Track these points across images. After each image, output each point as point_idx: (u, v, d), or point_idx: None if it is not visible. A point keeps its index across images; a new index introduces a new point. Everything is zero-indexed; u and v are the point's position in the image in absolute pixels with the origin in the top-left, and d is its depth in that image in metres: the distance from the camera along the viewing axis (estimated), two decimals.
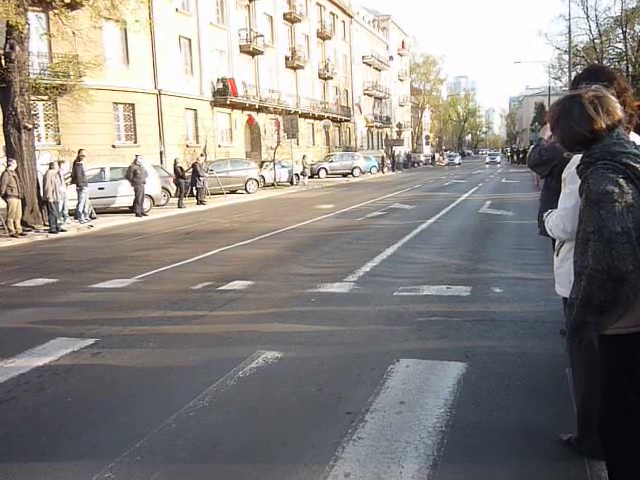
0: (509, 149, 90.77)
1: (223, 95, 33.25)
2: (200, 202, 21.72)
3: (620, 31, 39.74)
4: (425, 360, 4.63)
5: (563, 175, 2.83)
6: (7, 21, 14.54)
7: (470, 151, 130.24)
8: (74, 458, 3.38)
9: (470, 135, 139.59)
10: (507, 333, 5.30)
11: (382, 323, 5.80)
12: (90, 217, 17.25)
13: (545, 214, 2.96)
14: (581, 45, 41.98)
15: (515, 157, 66.31)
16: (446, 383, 4.16)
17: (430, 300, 6.57)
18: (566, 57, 39.13)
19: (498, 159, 72.52)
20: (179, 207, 20.56)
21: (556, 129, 2.56)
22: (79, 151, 17.39)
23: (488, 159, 72.29)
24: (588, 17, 39.80)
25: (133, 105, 27.04)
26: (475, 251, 9.81)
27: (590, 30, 40.21)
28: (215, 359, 4.92)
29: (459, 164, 69.61)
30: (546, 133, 4.34)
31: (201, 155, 23.38)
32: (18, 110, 15.36)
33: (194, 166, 21.99)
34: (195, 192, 21.91)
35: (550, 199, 3.90)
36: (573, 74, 29.86)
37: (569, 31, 35.05)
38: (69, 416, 3.95)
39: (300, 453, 3.31)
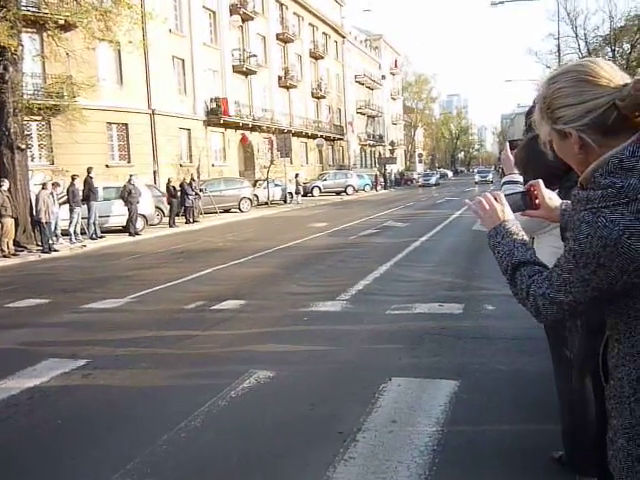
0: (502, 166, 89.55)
1: (216, 115, 33.40)
2: (188, 221, 21.76)
3: (609, 49, 40.25)
4: (417, 378, 4.63)
5: None
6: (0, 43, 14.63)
7: (463, 168, 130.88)
8: None
9: (463, 152, 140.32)
10: (499, 350, 5.31)
11: (375, 342, 5.80)
12: (96, 235, 17.63)
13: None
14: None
15: None
16: (438, 401, 4.16)
17: (423, 318, 6.57)
18: None
19: (490, 177, 60.45)
20: (170, 226, 20.60)
21: (529, 173, 2.59)
22: (88, 169, 17.86)
23: (478, 178, 59.85)
24: (577, 36, 40.25)
25: (127, 125, 27.08)
26: (468, 268, 9.84)
27: (579, 48, 40.64)
28: (207, 379, 4.90)
29: (437, 184, 58.60)
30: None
31: (192, 179, 23.20)
32: (11, 131, 15.40)
33: (182, 185, 22.08)
34: (183, 211, 21.99)
35: None
36: None
37: (558, 50, 35.42)
38: (59, 438, 3.92)
39: (292, 473, 3.29)
